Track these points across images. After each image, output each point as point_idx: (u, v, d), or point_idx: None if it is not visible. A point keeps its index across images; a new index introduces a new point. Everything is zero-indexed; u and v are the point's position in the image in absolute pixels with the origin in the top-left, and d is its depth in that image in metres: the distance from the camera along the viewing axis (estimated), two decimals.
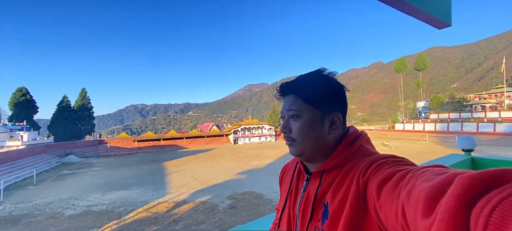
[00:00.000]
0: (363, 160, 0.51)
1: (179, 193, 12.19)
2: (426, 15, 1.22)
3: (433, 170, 0.32)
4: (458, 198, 0.22)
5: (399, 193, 0.33)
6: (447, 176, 0.27)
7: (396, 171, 0.39)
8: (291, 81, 0.63)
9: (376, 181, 0.41)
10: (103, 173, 19.28)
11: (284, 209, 0.64)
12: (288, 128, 0.60)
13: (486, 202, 0.20)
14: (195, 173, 17.52)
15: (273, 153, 27.70)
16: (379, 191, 0.39)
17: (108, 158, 30.00)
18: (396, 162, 0.45)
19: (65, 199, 12.04)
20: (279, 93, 0.65)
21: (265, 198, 10.85)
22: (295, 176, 0.65)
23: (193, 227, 8.13)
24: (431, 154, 21.26)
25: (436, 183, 0.27)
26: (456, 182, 0.24)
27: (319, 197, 0.54)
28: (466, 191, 0.22)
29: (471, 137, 1.80)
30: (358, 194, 0.46)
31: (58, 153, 29.48)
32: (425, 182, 0.29)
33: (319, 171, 0.57)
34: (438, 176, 0.29)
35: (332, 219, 0.49)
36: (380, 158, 0.47)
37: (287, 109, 0.61)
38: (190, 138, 43.51)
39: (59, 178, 18.23)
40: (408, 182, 0.33)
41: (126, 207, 10.39)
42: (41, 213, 10.17)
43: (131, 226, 8.41)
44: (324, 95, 0.59)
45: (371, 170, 0.45)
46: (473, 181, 0.23)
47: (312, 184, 0.58)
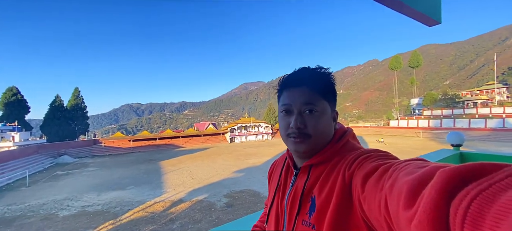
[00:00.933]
0: (349, 154, 0.52)
1: (176, 192, 12.15)
2: (416, 13, 1.25)
3: (415, 163, 0.33)
4: (439, 190, 0.23)
5: (382, 186, 0.35)
6: (428, 169, 0.28)
7: (380, 164, 0.40)
8: (304, 72, 0.60)
9: (360, 174, 0.42)
10: (98, 173, 19.07)
11: (272, 205, 0.65)
12: (304, 123, 0.57)
13: (465, 194, 0.21)
14: (192, 172, 17.47)
15: (270, 151, 27.79)
16: (364, 184, 0.40)
17: (103, 158, 29.65)
18: (380, 156, 0.46)
19: (59, 200, 11.88)
20: (284, 84, 0.62)
21: (262, 196, 10.90)
22: (284, 172, 0.66)
23: (190, 226, 8.13)
24: (425, 150, 21.63)
25: (418, 176, 0.28)
26: (437, 175, 0.25)
27: (307, 191, 0.55)
28: (446, 184, 0.23)
29: (460, 133, 1.85)
30: (344, 186, 0.47)
31: (51, 154, 28.99)
32: (407, 175, 0.30)
33: (307, 165, 0.58)
34: (420, 169, 0.30)
35: (319, 211, 0.50)
36: (365, 153, 0.49)
37: (303, 102, 0.57)
38: (186, 137, 43.29)
39: (52, 178, 17.96)
40: (391, 175, 0.34)
41: (122, 207, 10.31)
42: (35, 215, 10.02)
43: (127, 226, 8.36)
44: (333, 91, 0.60)
45: (356, 163, 0.47)
46: (453, 174, 0.23)
47: (300, 179, 0.59)
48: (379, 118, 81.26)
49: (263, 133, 46.42)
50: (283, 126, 0.60)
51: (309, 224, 0.51)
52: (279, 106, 0.63)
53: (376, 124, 57.60)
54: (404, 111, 63.58)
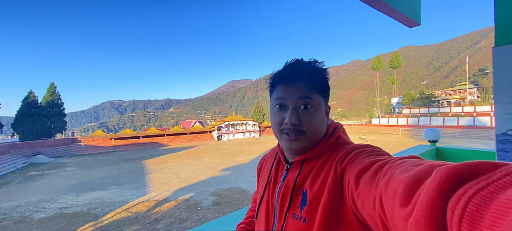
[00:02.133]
0: (340, 149, 0.52)
1: (161, 192, 11.87)
2: (397, 14, 1.32)
3: (411, 161, 0.33)
4: (436, 189, 0.23)
5: (377, 183, 0.34)
6: (425, 167, 0.28)
7: (374, 161, 0.40)
8: (299, 66, 0.57)
9: (354, 170, 0.42)
10: (76, 173, 18.14)
11: (262, 199, 0.65)
12: (299, 119, 0.54)
13: (462, 193, 0.21)
14: (177, 170, 17.14)
15: (257, 148, 27.91)
16: (357, 181, 0.40)
17: (82, 157, 28.23)
18: (373, 152, 0.46)
19: (34, 202, 11.17)
20: (278, 77, 0.60)
21: (249, 193, 10.94)
22: (274, 166, 0.66)
23: (176, 225, 7.99)
24: (403, 146, 22.79)
25: (414, 174, 0.28)
26: (434, 173, 0.25)
27: (298, 185, 0.55)
28: (443, 183, 0.23)
29: (436, 130, 1.98)
30: (336, 181, 0.47)
31: (24, 153, 27.15)
32: (403, 173, 0.30)
33: (300, 160, 0.57)
34: (416, 167, 0.29)
35: (311, 204, 0.50)
36: (357, 148, 0.49)
37: (299, 97, 0.55)
38: (171, 135, 42.29)
39: (26, 179, 16.83)
40: (386, 172, 0.34)
41: (103, 208, 9.91)
42: (7, 218, 9.36)
43: (109, 227, 8.06)
44: (327, 85, 0.59)
45: (349, 158, 0.46)
46: (450, 173, 0.23)
47: (291, 173, 0.58)
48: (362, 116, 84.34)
49: (251, 130, 46.47)
50: (276, 122, 0.57)
51: (300, 217, 0.51)
52: (272, 100, 0.60)
53: (359, 121, 59.69)
54: (385, 110, 66.47)
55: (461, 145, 22.36)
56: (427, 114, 40.91)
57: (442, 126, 34.75)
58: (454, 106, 40.26)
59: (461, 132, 31.02)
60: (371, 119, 53.77)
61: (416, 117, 41.73)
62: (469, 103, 40.47)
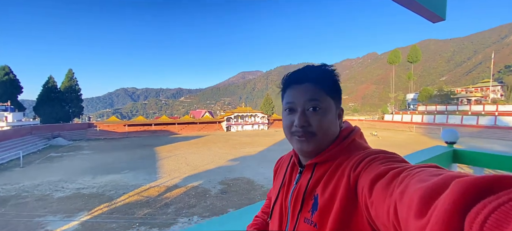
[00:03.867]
0: (354, 154, 0.51)
1: (171, 178, 12.26)
2: (421, 8, 1.23)
3: (429, 171, 0.32)
4: (454, 202, 0.22)
5: (392, 191, 0.33)
6: (442, 178, 0.27)
7: (390, 168, 0.39)
8: (307, 69, 0.59)
9: (368, 177, 0.41)
10: (93, 157, 19.03)
11: (276, 200, 0.66)
12: (308, 121, 0.55)
13: (481, 208, 0.20)
14: (187, 158, 17.57)
15: (265, 140, 28.02)
16: (371, 188, 0.39)
17: (97, 142, 29.52)
18: (388, 158, 0.44)
19: (54, 182, 11.89)
20: (287, 81, 0.61)
21: (256, 184, 11.08)
22: (289, 169, 0.66)
23: (185, 211, 8.27)
24: (416, 144, 22.08)
25: (431, 184, 0.27)
26: (452, 186, 0.24)
27: (310, 189, 0.55)
28: (461, 196, 0.22)
29: (454, 130, 1.88)
30: (349, 188, 0.46)
31: (45, 135, 28.71)
32: (420, 182, 0.29)
33: (312, 164, 0.57)
34: (434, 177, 0.28)
35: (322, 211, 0.49)
36: (371, 153, 0.48)
37: (307, 99, 0.56)
38: (182, 124, 43.17)
39: (47, 160, 17.88)
40: (402, 180, 0.33)
41: (117, 191, 10.39)
42: (30, 195, 10.04)
43: (123, 209, 8.47)
44: (338, 89, 0.59)
45: (363, 165, 0.45)
46: (469, 185, 0.22)
47: (304, 177, 0.59)
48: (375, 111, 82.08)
49: (260, 122, 46.55)
50: (287, 125, 0.59)
51: (311, 222, 0.51)
52: (283, 104, 0.61)
53: (371, 117, 58.19)
54: (399, 106, 64.23)
55: (478, 144, 21.35)
56: (444, 112, 39.14)
57: (460, 125, 33.21)
58: (475, 104, 38.16)
59: (480, 132, 29.56)
60: (384, 114, 52.26)
61: (432, 115, 40.06)
62: (491, 102, 38.21)
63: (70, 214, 8.13)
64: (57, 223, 7.49)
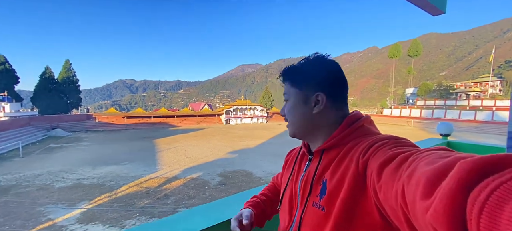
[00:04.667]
0: (363, 140, 0.52)
1: (171, 170, 12.37)
2: (422, 1, 1.24)
3: (437, 153, 0.32)
4: (458, 181, 0.23)
5: (400, 175, 0.34)
6: (449, 160, 0.27)
7: (398, 152, 0.39)
8: (284, 69, 0.68)
9: (377, 162, 0.41)
10: (92, 148, 19.10)
11: (286, 188, 0.70)
12: (283, 111, 0.68)
13: (484, 186, 0.21)
14: (186, 151, 17.68)
15: (264, 133, 28.13)
16: (380, 172, 0.39)
17: (96, 133, 29.54)
18: (397, 142, 0.45)
19: (54, 172, 11.98)
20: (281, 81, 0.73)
21: (254, 176, 11.22)
22: (299, 158, 0.70)
23: (184, 202, 8.41)
24: (413, 138, 21.99)
25: (438, 166, 0.27)
26: (457, 166, 0.24)
27: (318, 175, 0.57)
28: (466, 175, 0.23)
29: (449, 123, 1.92)
30: (357, 173, 0.47)
31: (44, 126, 28.67)
32: (428, 165, 0.29)
33: (320, 150, 0.60)
34: (441, 159, 0.29)
35: (330, 195, 0.51)
36: (380, 139, 0.48)
37: (283, 94, 0.68)
38: (181, 117, 43.16)
39: (46, 151, 17.94)
40: (410, 164, 0.33)
41: (117, 181, 10.50)
42: (30, 185, 10.14)
43: (123, 199, 8.59)
44: (309, 78, 0.63)
45: (372, 150, 0.46)
46: (474, 165, 0.23)
47: (313, 164, 0.61)
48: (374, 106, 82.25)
49: (259, 116, 46.59)
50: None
51: (320, 206, 0.53)
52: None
53: (369, 112, 58.37)
54: (398, 100, 64.35)
55: (475, 139, 21.57)
56: (443, 107, 39.29)
57: (457, 120, 33.38)
58: (473, 99, 38.32)
59: (477, 127, 29.79)
60: (382, 109, 52.40)
61: (430, 109, 40.22)
62: (490, 97, 38.34)
63: (71, 204, 8.25)
64: (59, 212, 7.60)
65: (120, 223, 6.92)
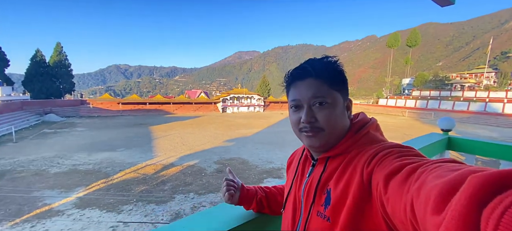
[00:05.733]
0: (368, 148, 0.50)
1: (167, 157, 12.39)
2: None
3: (446, 166, 0.31)
4: (470, 197, 0.22)
5: (409, 188, 0.33)
6: (460, 173, 0.26)
7: (405, 163, 0.38)
8: (309, 63, 0.58)
9: (383, 173, 0.40)
10: (87, 134, 18.92)
11: (290, 192, 0.67)
12: (314, 117, 0.55)
13: (498, 202, 0.20)
14: (183, 138, 17.66)
15: (260, 122, 28.20)
16: (387, 184, 0.38)
17: (91, 119, 29.19)
18: (402, 152, 0.43)
19: (49, 157, 11.89)
20: (290, 78, 0.60)
21: (250, 164, 11.33)
22: (302, 162, 0.67)
23: (181, 188, 8.49)
24: (406, 129, 22.64)
25: (448, 180, 0.26)
26: (468, 181, 0.23)
27: (322, 183, 0.55)
28: (478, 191, 0.22)
29: (450, 118, 1.92)
30: (362, 184, 0.45)
31: (36, 111, 28.17)
32: (437, 179, 0.28)
33: (324, 157, 0.57)
34: (451, 172, 0.28)
35: (335, 206, 0.49)
36: (385, 148, 0.47)
37: (312, 95, 0.55)
38: (177, 104, 42.76)
39: (40, 136, 17.71)
40: (419, 176, 0.32)
41: (114, 168, 10.50)
42: (25, 170, 10.07)
43: (120, 185, 8.62)
44: (343, 80, 0.58)
45: (376, 160, 0.44)
46: (486, 180, 0.22)
47: (317, 170, 0.59)
48: (370, 95, 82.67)
49: (255, 104, 46.46)
50: (294, 122, 0.59)
51: (325, 216, 0.51)
52: (289, 102, 0.61)
53: (365, 101, 58.72)
54: (394, 90, 64.70)
55: (465, 129, 22.04)
56: (437, 98, 39.76)
57: (451, 110, 33.91)
58: (468, 90, 38.74)
59: (469, 117, 30.35)
60: (378, 99, 52.71)
61: (425, 100, 40.63)
62: (484, 88, 38.80)
63: (67, 189, 8.25)
64: (55, 198, 7.61)
65: (117, 208, 6.98)
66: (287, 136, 17.00)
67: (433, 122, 28.04)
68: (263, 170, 10.47)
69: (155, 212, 6.85)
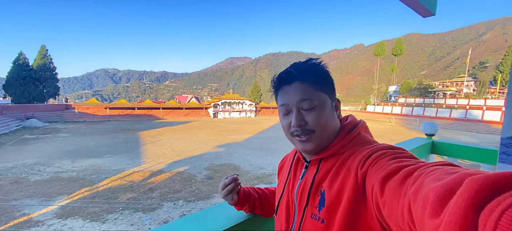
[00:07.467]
0: (361, 149, 0.51)
1: (156, 163, 12.08)
2: (414, 2, 1.25)
3: (444, 169, 0.31)
4: (467, 200, 0.22)
5: (406, 191, 0.33)
6: (457, 176, 0.26)
7: (401, 166, 0.38)
8: (294, 67, 0.58)
9: (379, 175, 0.40)
10: (71, 140, 18.17)
11: (282, 196, 0.67)
12: (304, 120, 0.55)
13: (495, 205, 0.20)
14: (173, 144, 17.32)
15: (252, 128, 28.17)
16: (383, 187, 0.38)
17: (76, 124, 28.11)
18: (396, 154, 0.43)
19: (29, 165, 11.29)
20: (277, 83, 0.60)
21: (242, 170, 11.24)
22: (294, 164, 0.67)
23: (170, 195, 8.27)
24: (393, 134, 23.32)
25: (446, 183, 0.26)
26: (465, 183, 0.24)
27: (316, 185, 0.55)
28: (475, 193, 0.22)
29: (433, 123, 2.02)
30: (356, 185, 0.45)
31: (17, 116, 26.84)
32: (434, 181, 0.28)
33: (317, 159, 0.57)
34: (449, 175, 0.28)
35: (329, 208, 0.49)
36: (379, 149, 0.47)
37: (300, 99, 0.55)
38: (167, 109, 42.07)
39: (20, 142, 16.83)
40: (416, 179, 0.32)
41: (99, 175, 10.10)
42: (3, 178, 9.49)
43: (105, 193, 8.29)
44: (329, 80, 0.59)
45: (370, 161, 0.44)
46: (483, 183, 0.22)
47: (310, 172, 0.58)
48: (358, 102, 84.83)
49: (247, 110, 46.48)
50: (285, 126, 0.59)
51: (319, 218, 0.51)
52: (278, 107, 0.61)
53: (354, 108, 60.17)
54: (381, 97, 66.77)
55: (447, 135, 23.01)
56: (422, 105, 41.45)
57: (434, 117, 35.42)
58: (449, 98, 40.69)
59: (451, 124, 31.76)
60: (366, 105, 54.17)
61: (410, 106, 42.23)
62: (464, 96, 40.88)
63: (48, 198, 7.83)
64: (35, 207, 7.20)
65: (101, 218, 6.69)
66: (279, 141, 17.05)
67: (418, 128, 29.07)
68: (254, 175, 10.41)
69: (142, 221, 6.62)
